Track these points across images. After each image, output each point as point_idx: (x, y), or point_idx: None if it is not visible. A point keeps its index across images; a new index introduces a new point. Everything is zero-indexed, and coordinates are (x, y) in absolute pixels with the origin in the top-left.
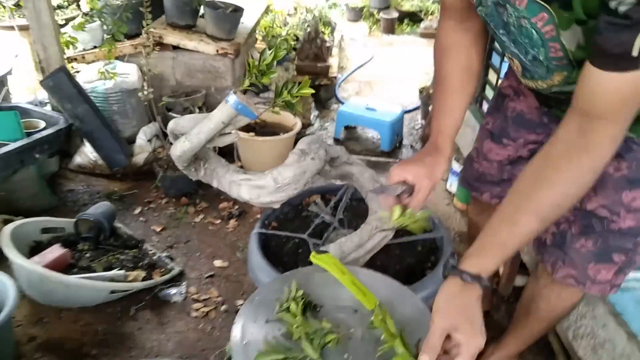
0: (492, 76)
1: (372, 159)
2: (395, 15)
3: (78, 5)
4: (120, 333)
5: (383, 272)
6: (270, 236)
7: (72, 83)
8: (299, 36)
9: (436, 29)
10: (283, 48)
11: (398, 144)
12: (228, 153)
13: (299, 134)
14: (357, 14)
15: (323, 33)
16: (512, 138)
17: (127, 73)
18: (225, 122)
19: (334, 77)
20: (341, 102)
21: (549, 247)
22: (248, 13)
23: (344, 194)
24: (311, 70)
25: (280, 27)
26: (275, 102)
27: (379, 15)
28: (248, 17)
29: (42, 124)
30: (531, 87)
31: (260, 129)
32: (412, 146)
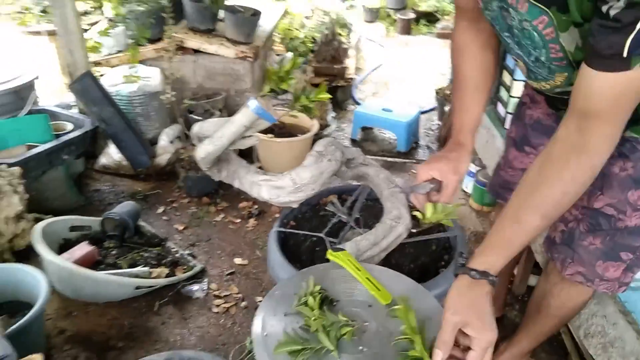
0: (507, 77)
1: (389, 160)
2: (411, 15)
3: (102, 11)
4: (145, 327)
5: (398, 270)
6: (288, 235)
7: (98, 87)
8: (316, 38)
9: (452, 30)
10: (301, 51)
11: (414, 145)
12: (248, 154)
13: (317, 135)
14: (374, 15)
15: (340, 35)
16: (533, 145)
17: (150, 76)
18: (246, 126)
19: (351, 79)
20: (358, 104)
21: (558, 245)
22: (266, 16)
23: (360, 194)
24: (328, 72)
25: (297, 30)
26: (293, 107)
27: (396, 15)
28: (266, 21)
29: (70, 127)
30: (537, 89)
31: (278, 131)
32: (429, 147)
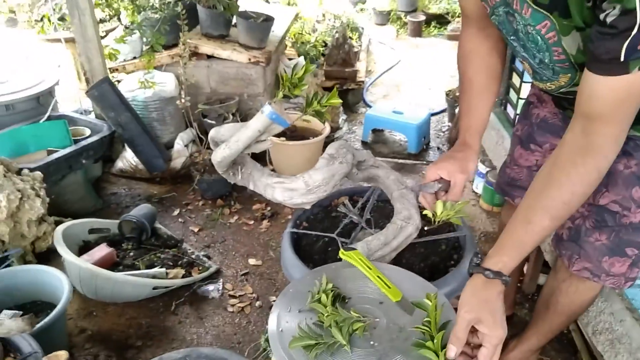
0: (516, 79)
1: (400, 161)
2: (422, 18)
3: (119, 18)
4: (162, 326)
5: (408, 269)
6: (301, 235)
7: (115, 93)
8: (328, 42)
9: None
10: (312, 54)
11: (425, 146)
12: (261, 157)
13: (328, 138)
14: (385, 18)
15: (351, 38)
16: (539, 143)
17: (165, 82)
18: (261, 131)
19: (362, 82)
20: (369, 106)
21: (566, 242)
22: (278, 21)
23: (371, 196)
24: (339, 75)
25: (309, 34)
26: (305, 112)
27: (406, 18)
28: (278, 25)
29: (88, 132)
30: (543, 89)
31: (290, 134)
32: (439, 148)
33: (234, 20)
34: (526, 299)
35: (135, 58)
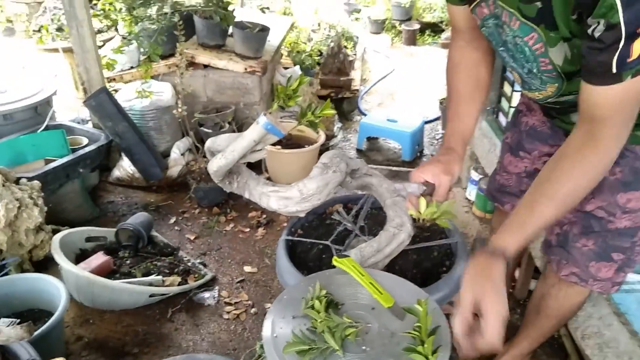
0: (507, 88)
1: (394, 169)
2: (416, 26)
3: (116, 28)
4: (158, 333)
5: (401, 275)
6: (296, 242)
7: (113, 102)
8: (323, 51)
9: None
10: (308, 63)
11: (419, 154)
12: (257, 165)
13: (323, 146)
14: (379, 26)
15: (346, 47)
16: (528, 150)
17: (162, 91)
18: (256, 141)
19: (357, 90)
20: (364, 114)
21: (554, 247)
22: (274, 31)
23: (365, 203)
24: (334, 83)
25: (304, 43)
26: (300, 122)
27: (401, 27)
28: (274, 35)
29: (85, 141)
30: (532, 98)
31: (286, 142)
32: (433, 155)
33: (230, 30)
34: (518, 305)
35: (132, 68)
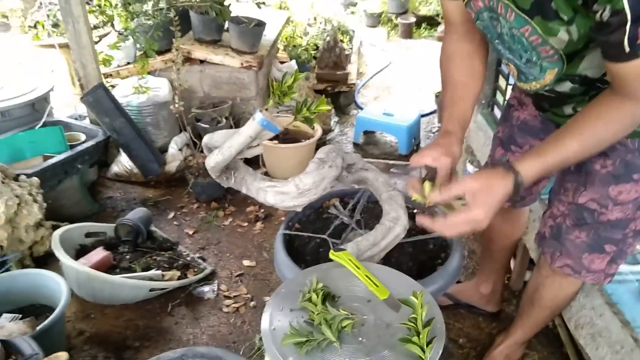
0: (502, 82)
1: (391, 162)
2: (412, 20)
3: (112, 24)
4: (159, 327)
5: (397, 268)
6: (294, 237)
7: (110, 98)
8: (319, 45)
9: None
10: (304, 58)
11: (415, 147)
12: (254, 160)
13: (320, 140)
14: (376, 20)
15: (342, 41)
16: (519, 144)
17: (159, 87)
18: (252, 137)
19: (353, 84)
20: (360, 108)
21: (548, 240)
22: (270, 25)
23: (361, 197)
24: (331, 77)
25: (300, 38)
26: (295, 118)
27: (397, 20)
28: (270, 30)
29: (83, 137)
30: (526, 90)
31: (283, 137)
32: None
33: (226, 25)
34: (514, 296)
35: (129, 63)
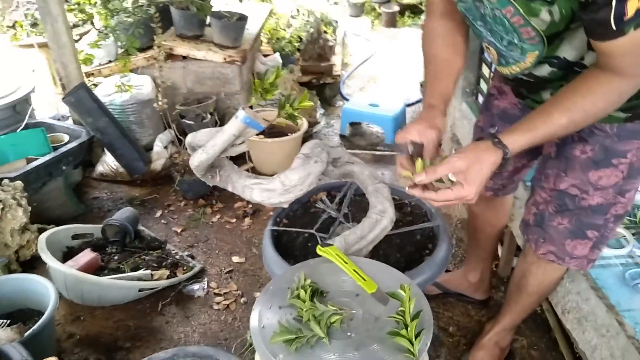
0: (486, 70)
1: (377, 153)
2: (396, 8)
3: (92, 22)
4: (149, 327)
5: (385, 260)
6: (282, 232)
7: (92, 98)
8: (303, 37)
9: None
10: (288, 50)
11: None
12: (241, 155)
13: (307, 133)
14: (359, 9)
15: (325, 32)
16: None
17: (142, 85)
18: (236, 135)
19: (338, 75)
20: (346, 99)
21: (532, 227)
22: (252, 19)
23: (348, 190)
24: (315, 69)
25: (284, 30)
26: (279, 114)
27: (380, 9)
28: (252, 23)
29: (66, 138)
30: (505, 74)
31: (269, 131)
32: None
33: (208, 20)
34: (502, 282)
35: (110, 62)
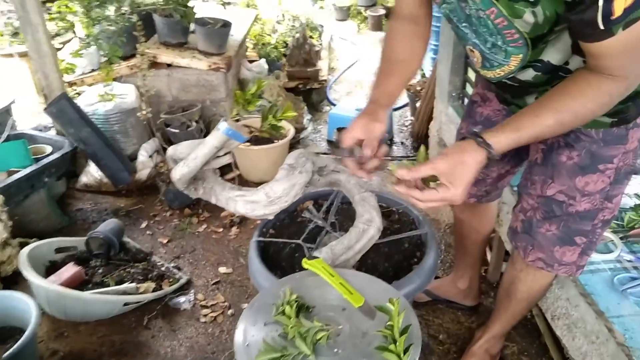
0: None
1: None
2: (382, 12)
3: (74, 31)
4: (135, 342)
5: (373, 269)
6: (268, 243)
7: (74, 108)
8: (288, 42)
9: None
10: (273, 56)
11: (389, 142)
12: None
13: (294, 139)
14: (345, 13)
15: (311, 37)
16: None
17: (125, 93)
18: (218, 147)
19: (325, 80)
20: (333, 104)
21: (520, 234)
22: (237, 25)
23: (335, 199)
24: (302, 75)
25: (269, 35)
26: (262, 126)
27: (366, 12)
28: (237, 29)
29: (49, 149)
30: (489, 78)
31: (256, 138)
32: (403, 143)
33: (192, 27)
34: (491, 288)
35: (93, 70)
